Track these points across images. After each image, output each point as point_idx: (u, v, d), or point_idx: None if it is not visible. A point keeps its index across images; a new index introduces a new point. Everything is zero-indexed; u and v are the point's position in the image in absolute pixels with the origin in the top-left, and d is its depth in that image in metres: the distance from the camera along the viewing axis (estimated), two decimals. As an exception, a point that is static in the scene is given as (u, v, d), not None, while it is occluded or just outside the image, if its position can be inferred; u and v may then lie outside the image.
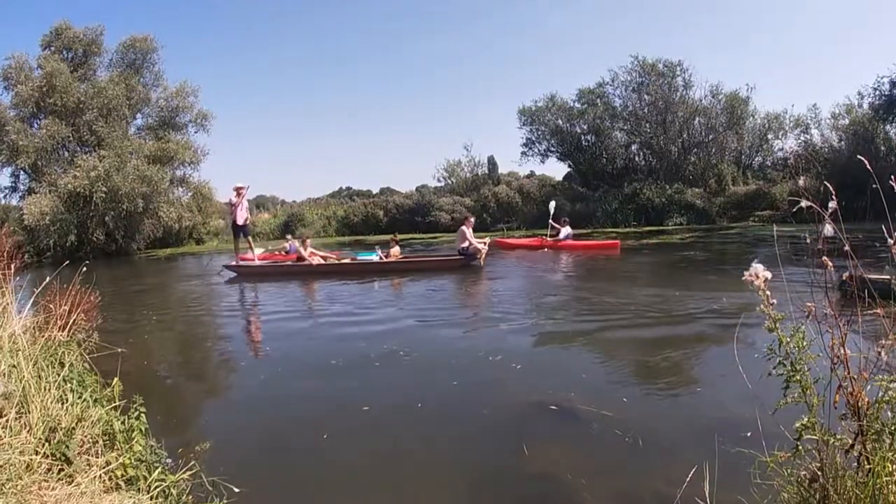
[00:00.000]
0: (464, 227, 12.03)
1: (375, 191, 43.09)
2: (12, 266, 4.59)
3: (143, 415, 2.87)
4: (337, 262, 12.94)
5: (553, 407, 3.87)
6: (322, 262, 12.66)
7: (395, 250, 12.72)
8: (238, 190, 13.49)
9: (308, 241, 13.28)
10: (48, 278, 4.34)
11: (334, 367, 5.15)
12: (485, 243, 12.19)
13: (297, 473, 3.20)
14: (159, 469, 2.61)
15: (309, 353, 5.68)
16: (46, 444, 2.43)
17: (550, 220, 15.80)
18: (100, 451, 2.61)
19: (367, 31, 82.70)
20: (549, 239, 15.28)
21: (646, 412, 3.76)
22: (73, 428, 2.61)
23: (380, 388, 4.59)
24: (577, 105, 29.55)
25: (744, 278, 1.98)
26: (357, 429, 3.80)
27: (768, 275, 1.95)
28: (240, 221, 13.47)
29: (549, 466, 3.11)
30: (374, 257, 12.57)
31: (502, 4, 77.10)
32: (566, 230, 15.28)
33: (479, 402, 4.08)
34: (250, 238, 14.39)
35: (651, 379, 4.39)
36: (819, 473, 1.87)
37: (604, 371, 4.64)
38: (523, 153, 31.51)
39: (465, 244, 11.86)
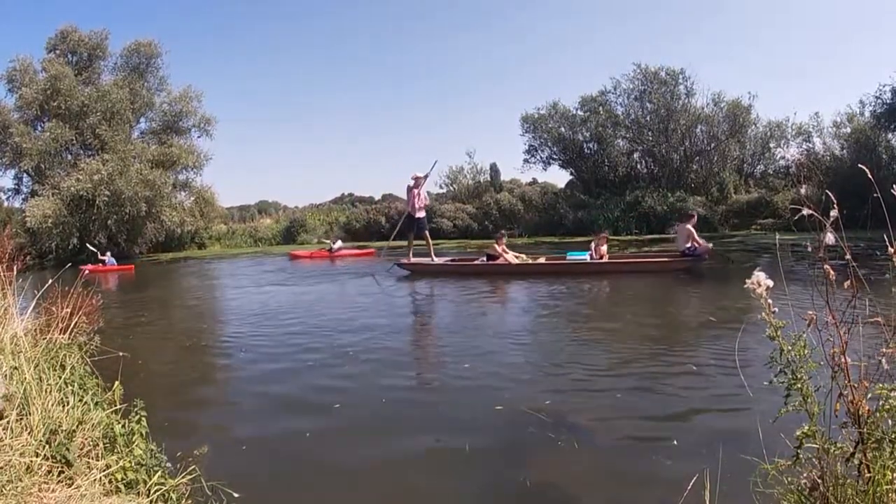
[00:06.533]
0: (688, 225, 10.89)
1: (377, 197, 43.14)
2: (14, 268, 4.59)
3: (143, 418, 2.87)
4: (532, 262, 11.79)
5: (550, 413, 3.86)
6: (516, 261, 11.70)
7: (604, 249, 11.67)
8: (416, 179, 12.74)
9: (504, 238, 12.24)
10: (50, 281, 4.35)
11: (325, 367, 5.21)
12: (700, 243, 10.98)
13: (297, 478, 3.20)
14: (159, 473, 2.60)
15: (306, 356, 5.68)
16: (47, 447, 2.43)
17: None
18: (100, 454, 2.60)
19: (370, 37, 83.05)
20: (328, 251, 18.84)
21: (645, 420, 3.75)
22: (74, 430, 2.61)
23: (358, 386, 4.79)
24: (580, 113, 29.61)
25: (745, 286, 1.98)
26: (344, 428, 3.91)
27: (770, 283, 1.96)
28: (418, 214, 12.70)
29: (548, 473, 3.10)
30: (586, 256, 11.47)
31: (504, 11, 77.40)
32: (338, 243, 19.33)
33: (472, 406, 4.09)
34: (427, 233, 13.08)
35: (650, 386, 4.37)
36: (819, 482, 1.86)
37: (602, 378, 4.63)
38: (525, 160, 31.55)
39: (690, 244, 10.84)
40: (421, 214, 12.81)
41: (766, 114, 32.84)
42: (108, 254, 18.90)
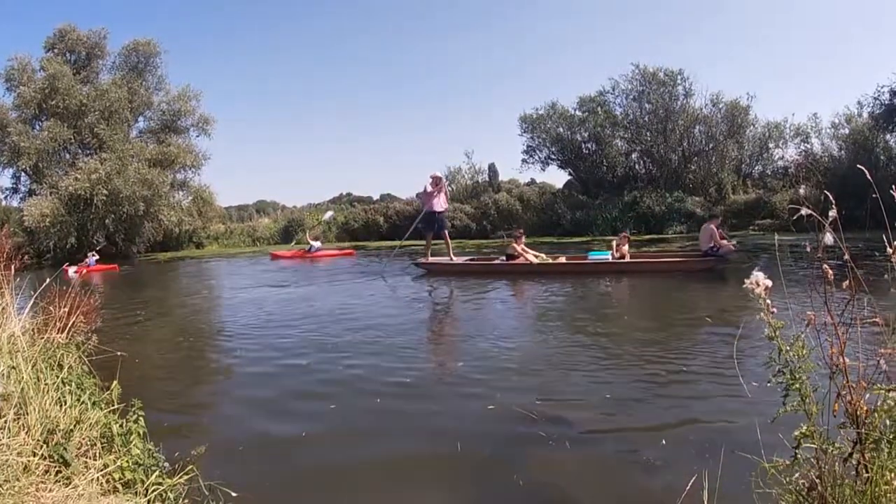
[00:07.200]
0: (711, 226, 10.89)
1: (376, 197, 43.11)
2: (12, 267, 4.59)
3: (141, 418, 2.87)
4: (553, 261, 11.61)
5: (541, 413, 3.86)
6: (536, 260, 11.52)
7: (625, 249, 11.51)
8: (437, 178, 12.65)
9: (522, 237, 12.07)
10: (48, 280, 4.34)
11: (321, 367, 5.23)
12: (733, 243, 11.14)
13: (294, 477, 3.20)
14: (157, 472, 2.60)
15: (303, 356, 5.68)
16: (44, 446, 2.42)
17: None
18: (97, 454, 2.60)
19: (370, 37, 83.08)
20: (307, 251, 18.99)
21: (642, 420, 3.75)
22: (72, 430, 2.60)
23: (353, 385, 4.77)
24: (578, 113, 29.62)
25: (744, 286, 1.98)
26: (339, 428, 3.92)
27: (769, 283, 1.96)
28: (437, 208, 12.47)
29: (541, 473, 3.10)
30: (607, 256, 11.39)
31: (504, 11, 77.48)
32: (318, 244, 19.65)
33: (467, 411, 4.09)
34: (446, 232, 12.82)
35: (647, 386, 4.37)
36: (817, 482, 1.87)
37: (598, 378, 4.63)
38: (524, 160, 31.56)
39: (712, 244, 10.79)
40: (441, 209, 12.65)
41: (765, 114, 32.93)
42: (91, 254, 18.96)
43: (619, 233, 13.09)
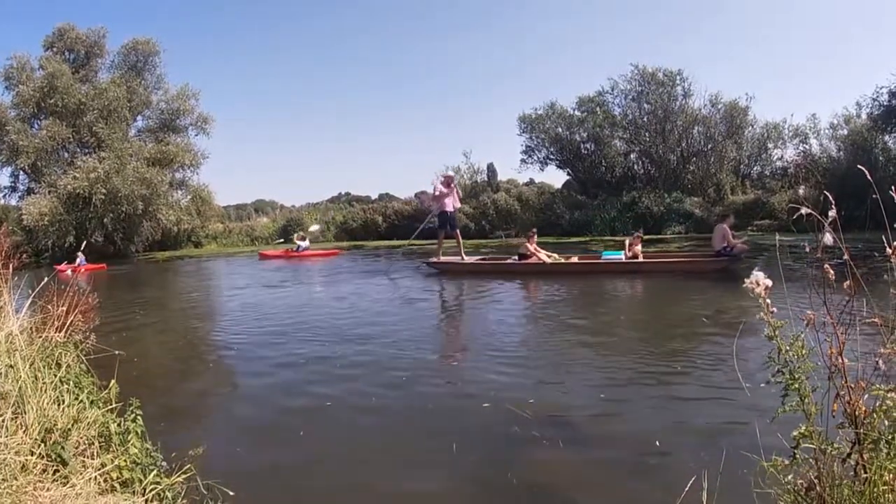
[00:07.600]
0: (724, 226, 10.92)
1: (374, 197, 43.11)
2: (10, 266, 4.57)
3: (139, 417, 2.86)
4: (565, 261, 11.67)
5: (535, 412, 3.85)
6: (549, 260, 11.55)
7: (638, 249, 11.50)
8: (448, 179, 12.69)
9: (534, 236, 12.06)
10: (46, 279, 4.33)
11: (318, 365, 5.21)
12: (743, 241, 11.22)
13: (292, 476, 3.19)
14: (154, 472, 2.59)
15: (299, 355, 5.67)
16: (42, 445, 2.41)
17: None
18: (95, 453, 2.59)
19: (368, 37, 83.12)
20: (294, 251, 19.56)
21: (639, 420, 3.74)
22: (69, 429, 2.60)
23: (349, 383, 4.81)
24: (577, 113, 29.64)
25: (744, 286, 1.98)
26: (336, 426, 3.94)
27: (769, 283, 1.95)
28: (450, 208, 12.38)
29: (542, 474, 3.10)
30: (620, 256, 11.43)
31: (504, 11, 77.50)
32: (305, 243, 20.02)
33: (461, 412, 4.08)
34: (458, 232, 12.81)
35: (645, 387, 4.36)
36: (816, 482, 1.86)
37: (597, 378, 4.62)
38: (523, 160, 31.61)
39: (725, 244, 10.79)
40: (453, 209, 12.59)
41: (764, 115, 32.92)
42: (80, 254, 18.90)
43: (621, 233, 13.14)
